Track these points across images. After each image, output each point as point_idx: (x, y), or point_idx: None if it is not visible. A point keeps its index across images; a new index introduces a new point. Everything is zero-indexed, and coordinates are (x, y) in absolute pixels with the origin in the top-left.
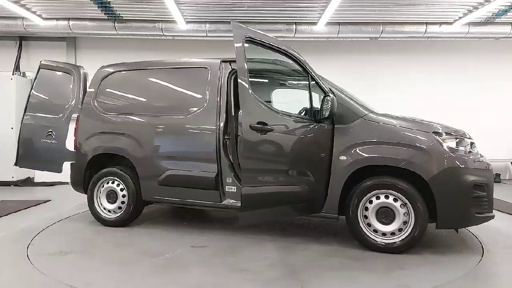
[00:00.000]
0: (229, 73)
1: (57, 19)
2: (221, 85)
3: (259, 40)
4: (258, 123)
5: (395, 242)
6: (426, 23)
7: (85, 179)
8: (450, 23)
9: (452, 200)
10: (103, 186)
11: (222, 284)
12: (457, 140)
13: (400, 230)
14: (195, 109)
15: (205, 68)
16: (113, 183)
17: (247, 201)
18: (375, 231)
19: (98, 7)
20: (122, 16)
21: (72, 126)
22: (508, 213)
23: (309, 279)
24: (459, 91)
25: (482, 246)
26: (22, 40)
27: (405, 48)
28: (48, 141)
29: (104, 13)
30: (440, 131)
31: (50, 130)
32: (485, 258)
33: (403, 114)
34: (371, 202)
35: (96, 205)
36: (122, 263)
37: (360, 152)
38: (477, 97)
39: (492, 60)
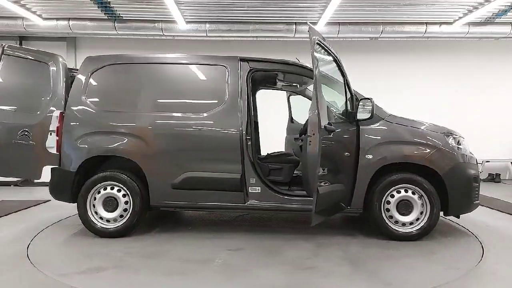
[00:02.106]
0: (248, 72)
1: (57, 19)
2: (241, 85)
3: (321, 43)
4: (328, 123)
5: (414, 230)
6: (426, 23)
7: (74, 185)
8: (450, 23)
9: (460, 191)
10: (98, 193)
11: (311, 282)
12: (455, 138)
13: (417, 219)
14: (214, 108)
15: (223, 66)
16: (112, 188)
17: (322, 201)
18: (396, 222)
19: (98, 7)
20: (122, 16)
21: (54, 125)
22: (508, 213)
23: (378, 270)
24: (459, 91)
25: (482, 246)
26: (22, 40)
27: (405, 48)
28: (23, 142)
29: (104, 13)
30: (444, 131)
31: (25, 129)
32: (485, 258)
33: (402, 115)
34: (392, 196)
35: (90, 214)
36: (180, 273)
37: (386, 151)
38: (477, 97)
39: (492, 60)
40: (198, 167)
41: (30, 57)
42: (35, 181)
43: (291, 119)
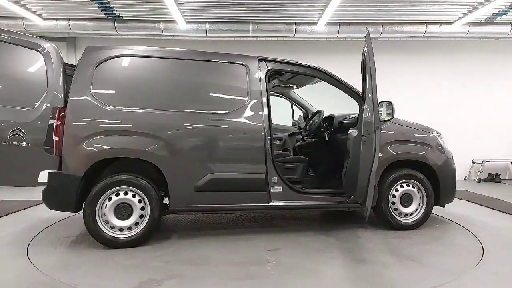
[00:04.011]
0: (266, 72)
1: (57, 19)
2: (261, 84)
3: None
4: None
5: (414, 220)
6: (426, 23)
7: (79, 192)
8: (450, 23)
9: (448, 184)
10: (110, 199)
11: (380, 273)
12: (440, 137)
13: (416, 210)
14: (237, 107)
15: (243, 65)
16: (125, 194)
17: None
18: (400, 213)
19: (98, 7)
20: (122, 16)
21: (51, 123)
22: (508, 213)
23: (416, 257)
24: (459, 91)
25: (482, 246)
26: None
27: (405, 48)
28: (15, 143)
29: (104, 13)
30: (433, 131)
31: (18, 128)
32: (485, 258)
33: (402, 115)
34: (397, 190)
35: (99, 224)
36: (250, 276)
37: (394, 149)
38: (477, 97)
39: (492, 60)
40: (224, 168)
41: (20, 43)
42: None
43: None
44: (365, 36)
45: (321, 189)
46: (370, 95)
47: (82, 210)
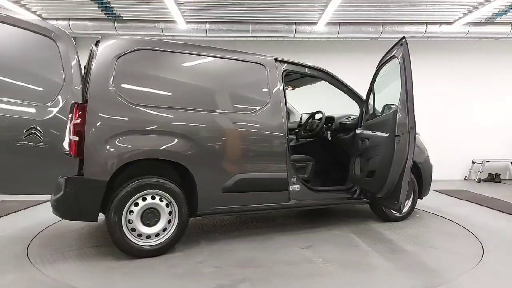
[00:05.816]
0: (282, 73)
1: (57, 19)
2: (279, 85)
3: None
4: None
5: (405, 212)
6: (426, 23)
7: (102, 199)
8: (450, 23)
9: (428, 178)
10: (136, 205)
11: (422, 261)
12: (419, 135)
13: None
14: (261, 107)
15: (262, 65)
16: (153, 198)
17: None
18: None
19: (98, 7)
20: (122, 16)
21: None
22: (508, 213)
23: (433, 245)
24: (458, 91)
25: (482, 246)
26: None
27: None
28: (31, 144)
29: (104, 13)
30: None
31: (34, 126)
32: (485, 258)
33: None
34: None
35: (126, 232)
36: (315, 274)
37: None
38: (477, 97)
39: (492, 60)
40: (251, 168)
41: (32, 29)
42: None
43: None
44: (401, 44)
45: (327, 186)
46: (405, 98)
47: (107, 218)
